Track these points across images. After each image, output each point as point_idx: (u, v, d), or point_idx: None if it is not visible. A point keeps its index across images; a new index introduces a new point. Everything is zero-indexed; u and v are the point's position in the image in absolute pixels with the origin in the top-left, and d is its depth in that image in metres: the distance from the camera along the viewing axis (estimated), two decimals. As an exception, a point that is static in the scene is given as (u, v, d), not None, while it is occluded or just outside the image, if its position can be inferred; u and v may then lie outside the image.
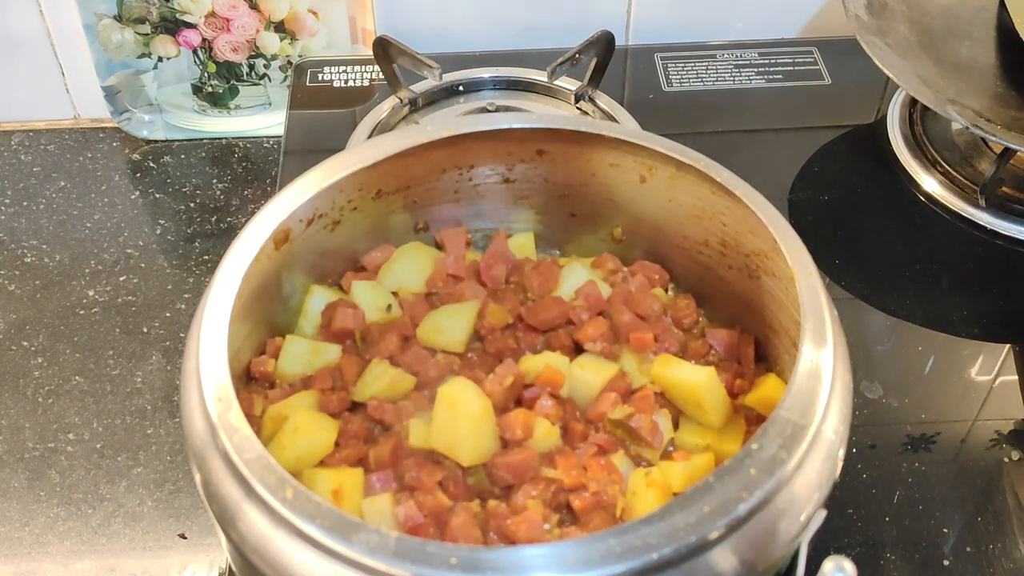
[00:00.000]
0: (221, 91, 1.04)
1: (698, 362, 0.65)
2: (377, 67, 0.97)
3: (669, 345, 0.64)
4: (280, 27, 1.01)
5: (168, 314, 0.87)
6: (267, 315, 0.64)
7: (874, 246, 0.89)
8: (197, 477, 0.52)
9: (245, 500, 0.49)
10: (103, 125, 1.06)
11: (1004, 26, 0.94)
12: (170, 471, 0.76)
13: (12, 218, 0.96)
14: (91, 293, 0.89)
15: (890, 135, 0.97)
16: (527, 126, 0.67)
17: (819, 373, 0.52)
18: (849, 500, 0.71)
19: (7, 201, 0.98)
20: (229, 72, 1.03)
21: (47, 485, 0.76)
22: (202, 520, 0.73)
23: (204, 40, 1.01)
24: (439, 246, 0.71)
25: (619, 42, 0.96)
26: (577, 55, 0.93)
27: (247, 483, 0.48)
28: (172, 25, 0.99)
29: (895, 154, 0.95)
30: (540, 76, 0.97)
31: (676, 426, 0.62)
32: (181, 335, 0.85)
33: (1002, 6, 0.95)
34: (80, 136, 1.05)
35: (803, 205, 0.92)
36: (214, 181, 1.00)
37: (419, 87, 0.96)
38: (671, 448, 0.61)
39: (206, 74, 1.03)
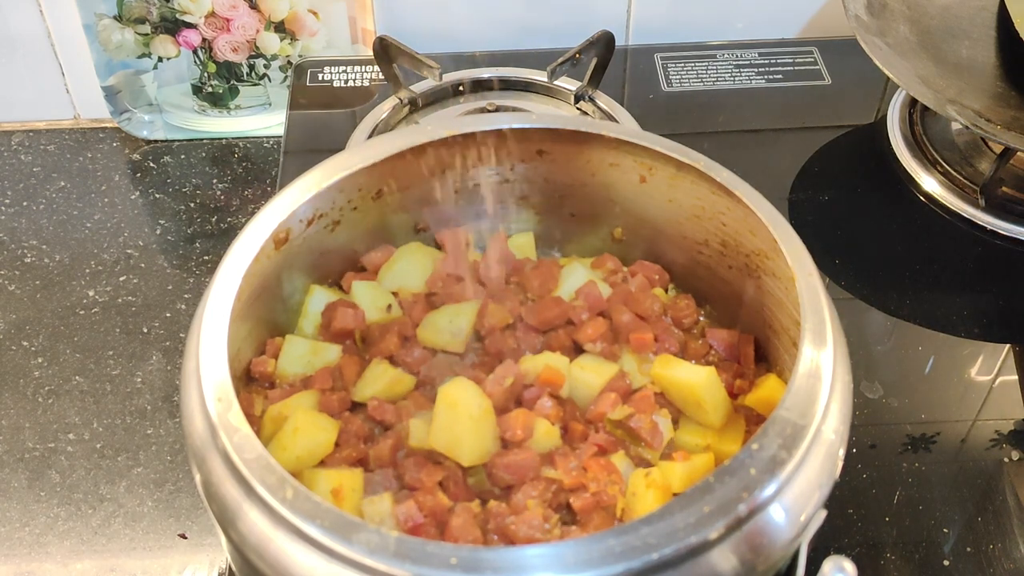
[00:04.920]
0: (221, 91, 1.04)
1: (698, 362, 0.65)
2: (377, 67, 0.97)
3: (669, 345, 0.64)
4: (280, 27, 1.01)
5: (168, 314, 0.87)
6: (267, 315, 0.64)
7: (874, 246, 0.89)
8: (197, 477, 0.52)
9: (245, 500, 0.49)
10: (103, 125, 1.06)
11: (1004, 26, 0.94)
12: (170, 471, 0.76)
13: (12, 218, 0.96)
14: (91, 293, 0.89)
15: (890, 135, 0.97)
16: (527, 126, 0.67)
17: (819, 373, 0.52)
18: (849, 500, 0.71)
19: (7, 201, 0.98)
20: (229, 72, 1.03)
21: (47, 485, 0.76)
22: (202, 520, 0.73)
23: (204, 40, 1.01)
24: (439, 246, 0.71)
25: (619, 42, 0.96)
26: (577, 55, 0.93)
27: (247, 483, 0.48)
28: (172, 25, 0.99)
29: (895, 154, 0.95)
30: (540, 76, 0.97)
31: (676, 426, 0.62)
32: (181, 335, 0.85)
33: (1002, 6, 0.95)
34: (80, 136, 1.05)
35: (803, 205, 0.92)
36: (214, 181, 1.00)
37: (419, 87, 0.96)
38: (671, 448, 0.61)
39: (206, 74, 1.03)
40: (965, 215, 0.90)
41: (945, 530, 0.70)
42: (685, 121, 1.00)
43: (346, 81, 1.02)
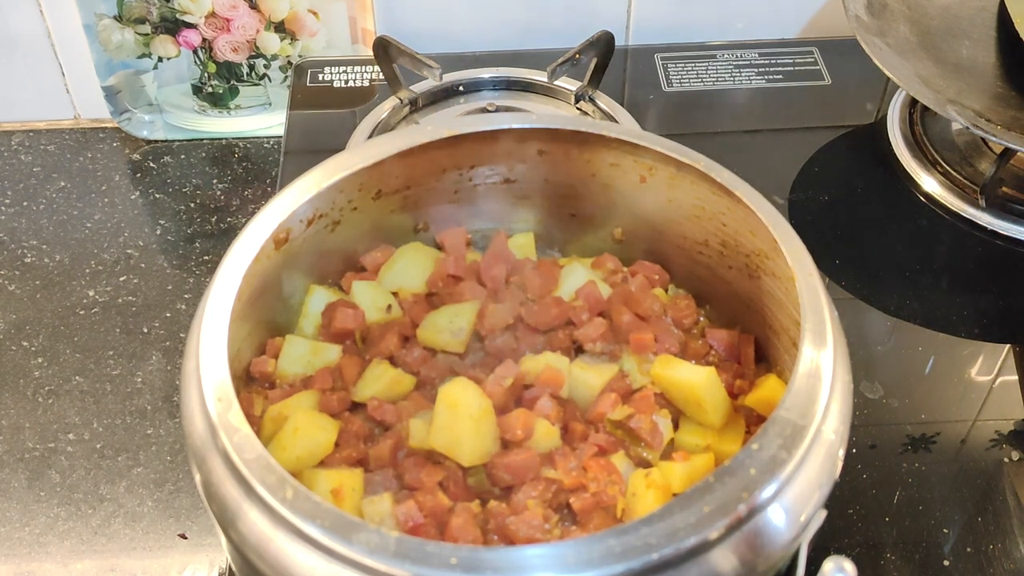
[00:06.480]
0: (221, 91, 1.04)
1: (698, 362, 0.65)
2: (377, 67, 0.97)
3: (669, 345, 0.64)
4: (280, 27, 1.01)
5: (168, 314, 0.87)
6: (267, 315, 0.64)
7: (874, 246, 0.89)
8: (197, 477, 0.52)
9: (245, 500, 0.49)
10: (103, 125, 1.06)
11: (1004, 26, 0.94)
12: (170, 471, 0.76)
13: (12, 218, 0.96)
14: (91, 293, 0.89)
15: (890, 135, 0.97)
16: (527, 126, 0.67)
17: (819, 373, 0.52)
18: (849, 500, 0.71)
19: (7, 201, 0.98)
20: (229, 72, 1.03)
21: (47, 485, 0.76)
22: (202, 520, 0.73)
23: (204, 40, 1.01)
24: (439, 246, 0.71)
25: (619, 42, 0.96)
26: (577, 55, 0.93)
27: (247, 483, 0.48)
28: (172, 25, 0.99)
29: (895, 154, 0.95)
30: (540, 76, 0.97)
31: (676, 426, 0.62)
32: (181, 335, 0.85)
33: (1002, 6, 0.95)
34: (80, 136, 1.05)
35: (803, 205, 0.92)
36: (214, 181, 1.00)
37: (419, 87, 0.96)
38: (671, 448, 0.61)
39: (206, 74, 1.03)
40: (965, 215, 0.90)
41: (945, 530, 0.70)
42: (685, 121, 1.00)
43: (346, 81, 1.02)
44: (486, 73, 0.99)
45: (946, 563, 0.68)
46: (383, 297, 0.67)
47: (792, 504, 0.49)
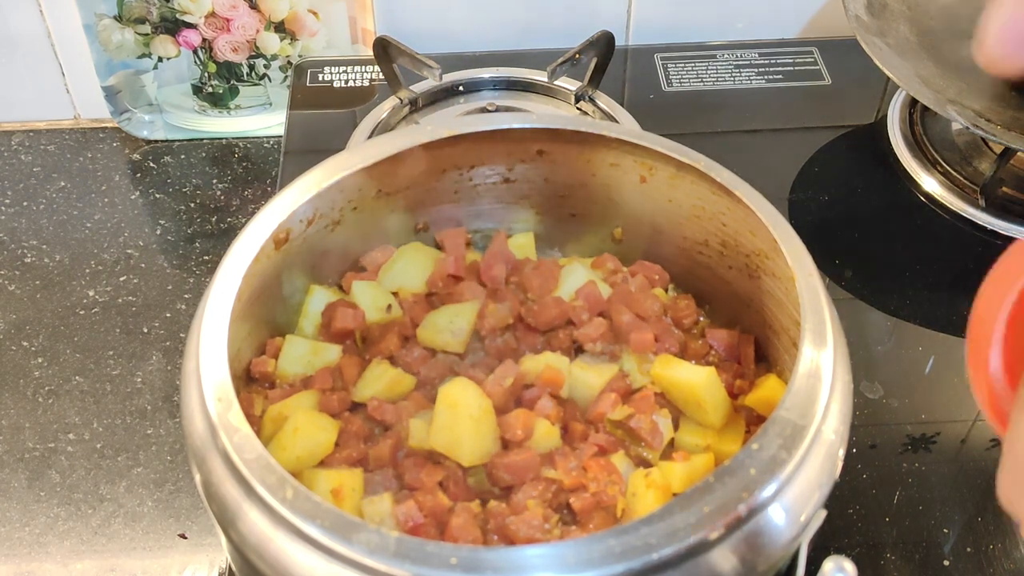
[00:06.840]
0: (221, 91, 1.04)
1: (698, 362, 0.65)
2: (377, 67, 0.97)
3: (669, 345, 0.64)
4: (280, 27, 1.01)
5: (168, 314, 0.87)
6: (267, 315, 0.64)
7: (874, 246, 0.89)
8: (197, 477, 0.52)
9: (245, 500, 0.49)
10: (103, 125, 1.06)
11: (1004, 26, 0.94)
12: (170, 471, 0.76)
13: (12, 218, 0.96)
14: (91, 293, 0.89)
15: (890, 135, 0.97)
16: (527, 126, 0.67)
17: (819, 373, 0.52)
18: (849, 500, 0.71)
19: (7, 201, 0.98)
20: (229, 72, 1.03)
21: (47, 485, 0.76)
22: (202, 520, 0.73)
23: (204, 40, 1.01)
24: (439, 246, 0.71)
25: (619, 42, 0.96)
26: (577, 55, 0.93)
27: (247, 483, 0.48)
28: (172, 25, 0.99)
29: (895, 154, 0.95)
30: (540, 76, 0.97)
31: (676, 426, 0.62)
32: (181, 335, 0.85)
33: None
34: (80, 136, 1.05)
35: (803, 205, 0.92)
36: (214, 181, 1.00)
37: (419, 87, 0.96)
38: (671, 448, 0.61)
39: (206, 74, 1.03)
40: (965, 215, 0.90)
41: (945, 530, 0.70)
42: (685, 121, 1.00)
43: (346, 81, 1.02)
44: (486, 73, 0.98)
45: (946, 563, 0.68)
46: (383, 297, 0.67)
47: (792, 504, 0.49)
